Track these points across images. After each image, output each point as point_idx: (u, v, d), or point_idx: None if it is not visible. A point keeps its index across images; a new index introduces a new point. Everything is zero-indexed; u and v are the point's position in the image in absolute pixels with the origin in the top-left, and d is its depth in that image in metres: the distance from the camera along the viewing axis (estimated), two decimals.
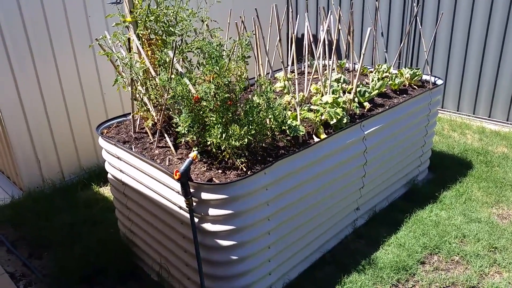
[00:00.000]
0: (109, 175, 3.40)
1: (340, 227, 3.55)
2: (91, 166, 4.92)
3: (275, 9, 3.90)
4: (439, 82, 4.27)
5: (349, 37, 4.04)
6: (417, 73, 4.18)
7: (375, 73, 4.26)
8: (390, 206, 4.05)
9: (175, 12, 3.02)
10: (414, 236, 3.59)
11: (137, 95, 3.14)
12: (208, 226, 2.57)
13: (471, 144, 5.25)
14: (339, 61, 4.57)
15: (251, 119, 2.66)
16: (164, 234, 2.95)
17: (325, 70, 4.05)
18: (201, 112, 2.65)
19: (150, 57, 3.05)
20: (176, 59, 2.89)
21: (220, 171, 2.66)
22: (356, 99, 3.61)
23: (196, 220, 2.58)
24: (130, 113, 3.32)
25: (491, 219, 3.82)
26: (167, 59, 2.91)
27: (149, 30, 3.06)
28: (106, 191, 4.55)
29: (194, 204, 2.53)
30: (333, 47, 3.75)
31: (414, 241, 3.52)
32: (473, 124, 5.91)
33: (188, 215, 2.54)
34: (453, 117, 6.18)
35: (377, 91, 3.84)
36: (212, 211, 2.53)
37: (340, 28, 3.85)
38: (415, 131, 4.05)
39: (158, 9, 3.00)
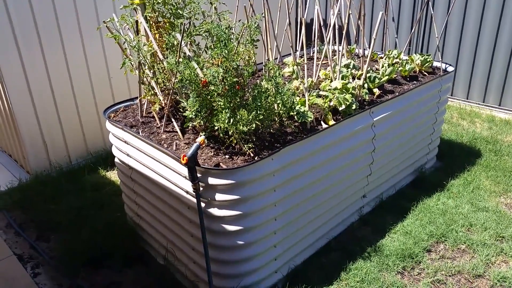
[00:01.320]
0: (116, 159, 3.40)
1: (346, 214, 3.54)
2: (98, 150, 4.93)
3: None
4: (450, 69, 4.20)
5: (359, 21, 3.96)
6: (428, 60, 4.11)
7: (385, 59, 4.20)
8: (397, 194, 4.03)
9: None
10: (420, 224, 3.58)
11: (145, 79, 3.12)
12: (214, 211, 2.57)
13: (480, 133, 5.19)
14: (349, 46, 4.51)
15: (259, 104, 2.63)
16: (170, 219, 2.95)
17: (335, 55, 3.99)
18: (209, 97, 2.63)
19: (157, 40, 3.02)
20: (184, 42, 2.85)
21: (227, 156, 2.65)
22: (365, 85, 3.55)
23: (203, 205, 2.57)
24: (137, 97, 3.30)
25: (498, 208, 3.79)
26: (175, 42, 2.88)
27: (157, 13, 3.02)
28: (113, 175, 4.56)
29: (201, 189, 2.52)
30: (343, 32, 3.69)
31: (421, 229, 3.51)
32: (482, 112, 5.84)
33: (195, 200, 2.54)
34: (463, 105, 6.10)
35: (387, 77, 3.78)
36: (219, 196, 2.52)
37: (350, 12, 3.78)
38: (424, 118, 4.00)
39: None
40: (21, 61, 4.17)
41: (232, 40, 2.62)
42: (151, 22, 3.03)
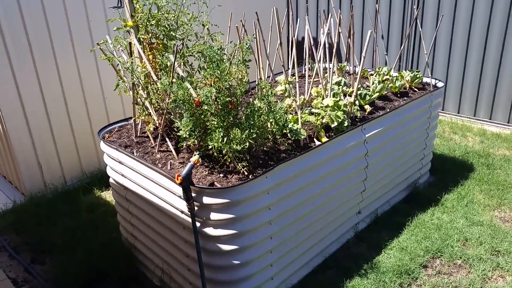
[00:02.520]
0: (110, 180, 3.40)
1: (342, 231, 3.54)
2: (92, 171, 4.93)
3: (275, 12, 3.91)
4: (440, 84, 4.27)
5: (349, 40, 4.04)
6: (418, 76, 4.19)
7: (375, 76, 4.27)
8: (392, 210, 4.04)
9: (176, 17, 3.03)
10: (416, 239, 3.58)
11: (139, 100, 3.15)
12: (210, 231, 2.57)
13: (472, 147, 5.24)
14: (339, 64, 4.58)
15: (252, 122, 2.66)
16: (165, 239, 2.94)
17: (326, 73, 4.06)
18: (203, 116, 2.66)
19: (151, 61, 3.06)
20: (177, 63, 2.89)
21: (221, 175, 2.66)
22: (357, 102, 3.61)
23: (198, 224, 2.58)
24: (131, 118, 3.32)
25: (493, 222, 3.81)
26: (168, 63, 2.92)
27: (150, 34, 3.07)
28: (107, 195, 4.55)
29: (196, 208, 2.53)
30: (334, 50, 3.76)
31: (416, 245, 3.51)
32: (474, 126, 5.91)
33: (190, 220, 2.54)
34: (454, 119, 6.17)
35: (377, 94, 3.84)
36: (214, 216, 2.52)
37: (340, 31, 3.86)
38: (416, 133, 4.04)
39: (159, 13, 3.01)
40: (15, 82, 4.19)
41: (224, 61, 2.67)
42: (144, 43, 3.07)
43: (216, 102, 2.59)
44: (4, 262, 3.66)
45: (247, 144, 2.58)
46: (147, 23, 2.98)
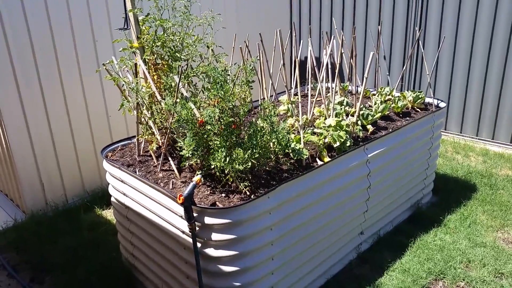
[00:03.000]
0: (112, 199, 3.40)
1: (344, 252, 3.51)
2: (94, 189, 4.93)
3: (279, 34, 3.97)
4: (442, 104, 4.29)
5: (351, 60, 4.09)
6: (420, 96, 4.21)
7: (378, 96, 4.30)
8: (394, 230, 4.01)
9: (181, 38, 3.08)
10: (418, 261, 3.55)
11: (142, 119, 3.17)
12: (210, 252, 2.56)
13: (475, 167, 5.23)
14: (342, 84, 4.62)
15: (254, 142, 2.67)
16: (166, 259, 2.92)
17: (328, 93, 4.09)
18: (205, 136, 2.67)
19: (156, 82, 3.10)
20: (182, 84, 2.92)
21: (223, 194, 2.66)
22: (359, 122, 3.62)
23: (199, 245, 2.56)
24: (135, 136, 3.34)
25: (496, 243, 3.78)
26: (173, 84, 2.95)
27: (155, 55, 3.11)
28: (109, 213, 4.54)
29: (197, 228, 2.52)
30: (336, 70, 3.79)
31: (419, 266, 3.48)
32: (476, 146, 5.91)
33: (190, 240, 2.53)
34: (457, 139, 6.18)
35: (380, 114, 3.86)
36: (215, 236, 2.51)
37: (343, 52, 3.91)
38: (418, 154, 4.04)
39: (165, 35, 3.06)
40: (20, 100, 4.24)
41: (228, 82, 2.70)
42: (149, 64, 3.12)
43: (219, 122, 2.61)
44: (3, 281, 3.63)
45: (250, 164, 2.59)
46: (153, 44, 3.03)
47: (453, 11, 5.84)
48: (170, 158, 3.01)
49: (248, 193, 2.62)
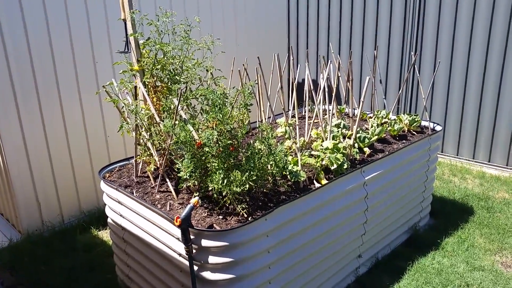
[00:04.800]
0: (109, 220, 3.39)
1: (342, 276, 3.48)
2: (91, 209, 4.90)
3: (276, 58, 4.04)
4: (438, 128, 4.34)
5: (348, 84, 4.15)
6: (416, 119, 4.26)
7: (374, 119, 4.34)
8: (392, 253, 3.99)
9: (181, 62, 3.13)
10: (417, 285, 3.52)
11: (141, 140, 3.19)
12: (207, 275, 2.54)
13: (472, 189, 5.25)
14: (338, 106, 4.67)
15: (252, 164, 2.69)
16: (162, 282, 2.90)
17: (325, 114, 4.13)
18: (203, 158, 2.69)
19: (155, 104, 3.13)
20: (181, 106, 2.96)
21: (221, 217, 2.66)
22: (356, 145, 3.65)
23: (195, 268, 2.55)
24: (133, 157, 3.36)
25: (494, 267, 3.76)
26: (172, 106, 2.99)
27: (155, 78, 3.16)
28: (105, 234, 4.50)
29: (194, 251, 2.51)
30: (333, 94, 3.85)
31: None
32: (473, 168, 5.93)
33: (187, 263, 2.51)
34: (453, 161, 6.21)
35: (376, 136, 3.90)
36: (212, 259, 2.50)
37: (339, 75, 3.97)
38: (415, 176, 4.06)
39: (165, 58, 3.11)
40: (19, 119, 4.25)
41: (226, 105, 2.73)
42: (149, 86, 3.16)
43: (217, 144, 2.64)
44: None
45: (247, 186, 2.60)
46: (153, 67, 3.08)
47: (448, 37, 5.96)
48: (167, 179, 3.02)
49: (245, 215, 2.62)
